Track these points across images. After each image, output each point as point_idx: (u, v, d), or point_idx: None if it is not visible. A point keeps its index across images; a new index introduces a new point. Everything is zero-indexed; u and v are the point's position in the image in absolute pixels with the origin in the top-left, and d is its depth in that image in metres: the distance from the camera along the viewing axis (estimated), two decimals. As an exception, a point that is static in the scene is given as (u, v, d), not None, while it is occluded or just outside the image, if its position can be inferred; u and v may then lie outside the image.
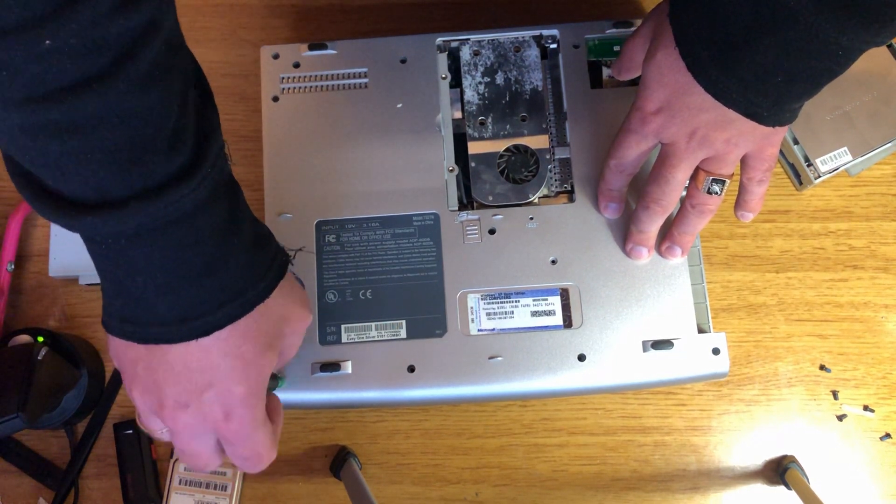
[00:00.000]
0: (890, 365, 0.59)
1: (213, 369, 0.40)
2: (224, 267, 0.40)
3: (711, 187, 0.50)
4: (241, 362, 0.41)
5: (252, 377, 0.42)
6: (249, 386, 0.42)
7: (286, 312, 0.44)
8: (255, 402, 0.43)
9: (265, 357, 0.43)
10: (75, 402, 0.57)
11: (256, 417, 0.43)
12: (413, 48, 0.59)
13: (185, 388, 0.40)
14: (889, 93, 0.60)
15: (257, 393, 0.43)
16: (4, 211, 0.62)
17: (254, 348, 0.42)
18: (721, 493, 0.57)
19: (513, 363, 0.53)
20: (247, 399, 0.42)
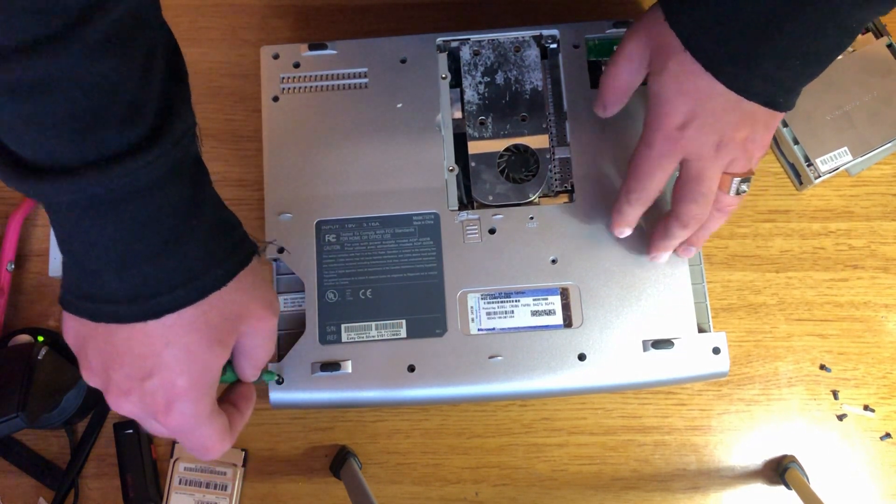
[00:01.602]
0: (890, 365, 0.59)
1: (155, 357, 0.39)
2: (180, 248, 0.38)
3: (740, 188, 0.48)
4: (185, 354, 0.39)
5: (196, 371, 0.40)
6: (192, 380, 0.40)
7: (243, 310, 0.42)
8: (198, 397, 0.41)
9: (212, 351, 0.40)
10: (75, 402, 0.57)
11: (199, 412, 0.41)
12: (413, 48, 0.59)
13: (128, 374, 0.39)
14: (889, 93, 0.60)
15: (201, 387, 0.41)
16: (4, 211, 0.62)
17: (199, 341, 0.40)
18: (721, 493, 0.57)
19: (513, 363, 0.53)
20: (188, 393, 0.40)
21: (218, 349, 0.41)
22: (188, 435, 0.42)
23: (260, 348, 0.45)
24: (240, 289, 0.41)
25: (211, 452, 0.43)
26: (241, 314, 0.42)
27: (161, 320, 0.38)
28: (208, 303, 0.40)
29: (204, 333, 0.40)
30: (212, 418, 0.42)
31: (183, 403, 0.40)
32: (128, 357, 0.39)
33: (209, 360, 0.40)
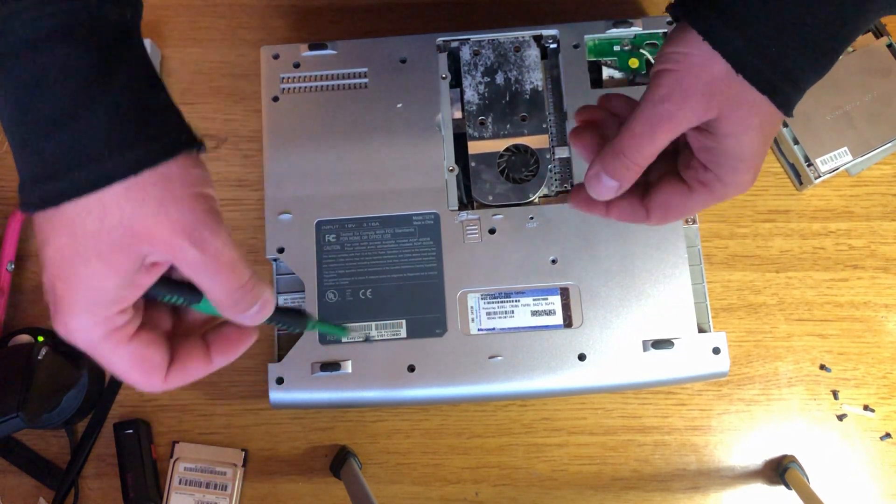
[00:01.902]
0: (890, 365, 0.59)
1: (41, 253, 0.34)
2: (77, 122, 0.32)
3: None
4: (59, 258, 0.33)
5: (72, 282, 0.34)
6: (69, 290, 0.34)
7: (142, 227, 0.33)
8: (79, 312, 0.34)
9: (88, 266, 0.33)
10: (75, 402, 0.57)
11: (88, 332, 0.35)
12: (413, 48, 0.59)
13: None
14: (889, 93, 0.60)
15: (80, 303, 0.34)
16: (4, 211, 0.62)
17: (73, 247, 0.33)
18: (721, 493, 0.57)
19: (513, 363, 0.53)
20: (66, 305, 0.34)
21: (97, 265, 0.33)
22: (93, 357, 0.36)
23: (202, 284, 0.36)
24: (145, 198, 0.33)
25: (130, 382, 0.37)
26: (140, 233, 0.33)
27: (45, 213, 0.33)
28: (91, 203, 0.33)
29: (80, 241, 0.33)
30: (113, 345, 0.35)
31: (62, 313, 0.34)
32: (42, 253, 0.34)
33: (86, 275, 0.34)
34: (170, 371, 0.37)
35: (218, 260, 0.35)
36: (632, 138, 0.40)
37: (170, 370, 0.37)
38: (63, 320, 0.34)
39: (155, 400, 0.59)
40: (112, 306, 0.35)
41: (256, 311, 0.38)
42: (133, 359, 0.36)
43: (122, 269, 0.34)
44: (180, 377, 0.38)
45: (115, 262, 0.34)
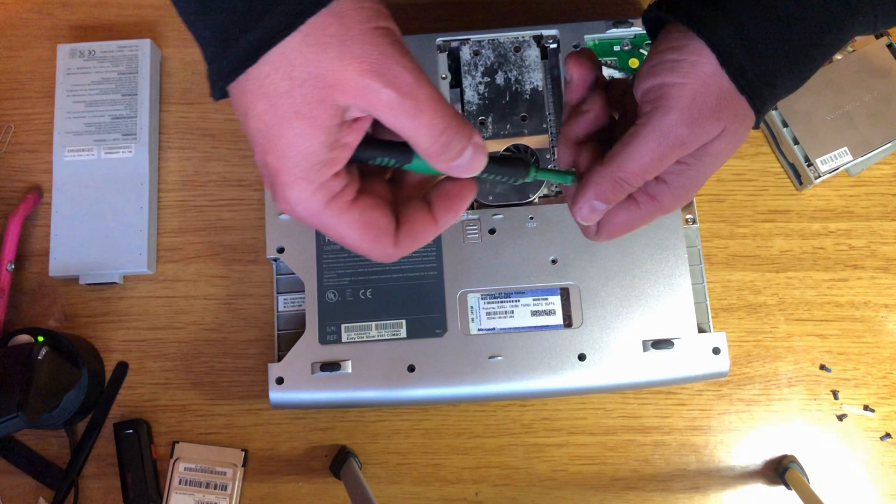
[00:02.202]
0: (890, 365, 0.59)
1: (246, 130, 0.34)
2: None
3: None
4: (262, 126, 0.33)
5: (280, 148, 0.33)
6: (280, 158, 0.33)
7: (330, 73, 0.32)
8: (294, 181, 0.33)
9: (290, 126, 0.33)
10: (75, 402, 0.57)
11: (308, 201, 0.34)
12: (413, 48, 0.59)
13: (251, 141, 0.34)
14: (889, 93, 0.60)
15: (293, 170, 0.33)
16: (4, 211, 0.62)
17: (271, 111, 0.33)
18: (721, 493, 0.57)
19: (513, 363, 0.53)
20: (281, 175, 0.33)
21: (299, 125, 0.33)
22: (318, 226, 0.36)
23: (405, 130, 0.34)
24: (325, 42, 0.32)
25: (364, 253, 0.36)
26: (330, 81, 0.32)
27: (238, 85, 0.33)
28: (276, 60, 0.32)
29: (276, 103, 0.33)
30: (336, 213, 0.35)
31: (280, 187, 0.34)
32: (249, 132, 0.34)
33: (291, 138, 0.33)
34: (398, 236, 0.36)
35: (415, 98, 0.33)
36: (638, 167, 0.38)
37: (398, 235, 0.36)
38: (283, 195, 0.34)
39: (155, 400, 0.59)
40: (325, 169, 0.34)
41: (469, 159, 0.35)
42: (360, 224, 0.35)
43: (323, 124, 0.33)
44: (409, 241, 0.36)
45: (316, 118, 0.33)
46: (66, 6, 0.66)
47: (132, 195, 0.61)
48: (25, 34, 0.66)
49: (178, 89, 0.65)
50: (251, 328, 0.60)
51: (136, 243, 0.60)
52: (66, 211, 0.61)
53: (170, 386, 0.60)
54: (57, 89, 0.63)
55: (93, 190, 0.61)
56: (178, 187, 0.63)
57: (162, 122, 0.64)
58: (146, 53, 0.63)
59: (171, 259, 0.62)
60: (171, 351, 0.60)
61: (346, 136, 0.34)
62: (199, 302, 0.61)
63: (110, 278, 0.60)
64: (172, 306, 0.61)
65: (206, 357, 0.60)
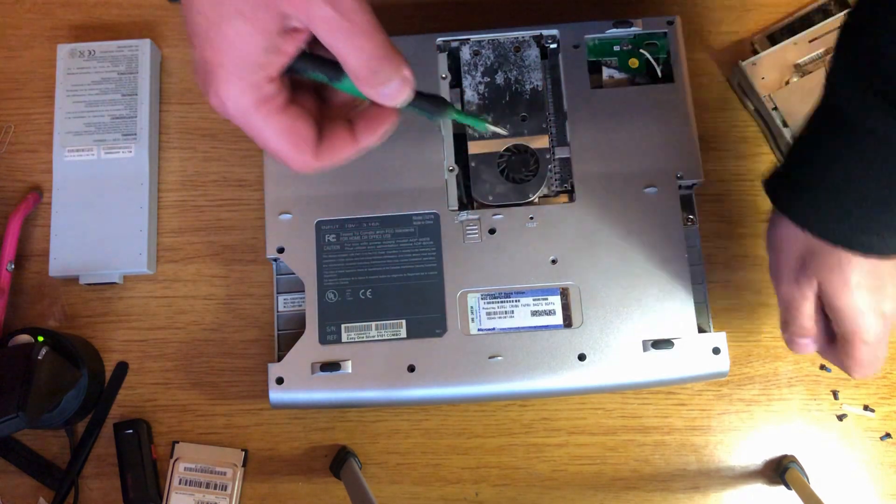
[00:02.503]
0: (890, 365, 0.59)
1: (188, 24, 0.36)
2: None
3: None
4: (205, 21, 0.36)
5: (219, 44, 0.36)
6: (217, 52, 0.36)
7: None
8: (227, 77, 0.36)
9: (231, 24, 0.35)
10: (75, 402, 0.57)
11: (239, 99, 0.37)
12: (413, 48, 0.59)
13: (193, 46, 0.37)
14: (889, 93, 0.60)
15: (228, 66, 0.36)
16: (4, 211, 0.62)
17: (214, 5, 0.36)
18: (721, 493, 0.57)
19: (513, 363, 0.53)
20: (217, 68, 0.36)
21: (242, 25, 0.35)
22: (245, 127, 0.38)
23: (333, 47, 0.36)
24: None
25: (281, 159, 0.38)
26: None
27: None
28: None
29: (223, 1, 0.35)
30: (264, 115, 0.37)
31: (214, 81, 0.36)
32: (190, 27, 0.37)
33: (232, 36, 0.35)
34: (319, 149, 0.38)
35: (351, 20, 0.36)
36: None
37: (319, 148, 0.38)
38: (216, 90, 0.36)
39: (155, 400, 0.59)
40: (260, 71, 0.36)
41: (396, 88, 0.38)
42: (284, 130, 0.37)
43: (264, 28, 0.35)
44: (329, 155, 0.39)
45: (258, 21, 0.35)
46: (66, 6, 0.66)
47: (132, 195, 0.61)
48: (25, 34, 0.66)
49: (178, 89, 0.65)
50: (251, 328, 0.60)
51: (136, 243, 0.60)
52: (66, 211, 0.61)
53: (170, 386, 0.60)
54: (57, 89, 0.63)
55: (93, 190, 0.61)
56: (178, 187, 0.63)
57: (162, 122, 0.64)
58: (146, 53, 0.63)
59: (171, 259, 0.62)
60: (171, 351, 0.60)
61: (283, 44, 0.36)
62: (199, 302, 0.61)
63: (110, 278, 0.60)
64: (172, 306, 0.61)
65: (206, 357, 0.60)
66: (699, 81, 0.63)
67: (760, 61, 0.62)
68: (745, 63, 0.61)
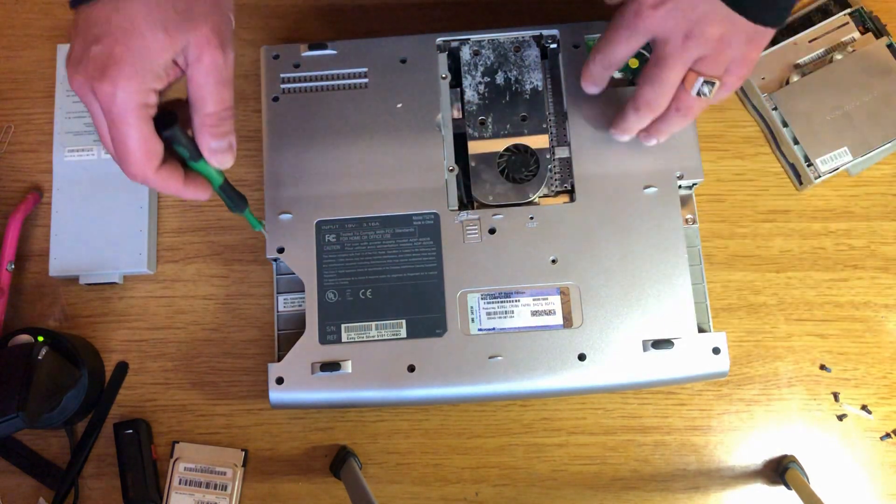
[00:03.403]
0: (890, 365, 0.59)
1: (104, 24, 0.41)
2: None
3: (702, 89, 0.49)
4: (129, 24, 0.41)
5: (135, 44, 0.41)
6: (130, 51, 0.40)
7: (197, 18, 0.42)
8: (132, 74, 0.41)
9: (153, 33, 0.41)
10: (75, 402, 0.57)
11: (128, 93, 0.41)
12: (413, 48, 0.59)
13: (83, 44, 0.41)
14: (889, 93, 0.60)
15: (136, 65, 0.41)
16: (4, 211, 0.62)
17: (146, 16, 0.41)
18: (721, 493, 0.57)
19: (513, 363, 0.53)
20: (121, 63, 0.40)
21: (160, 34, 0.41)
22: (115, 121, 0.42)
23: (205, 88, 0.43)
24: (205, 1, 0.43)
25: (129, 159, 0.43)
26: (195, 20, 0.42)
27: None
28: None
29: (152, 10, 0.41)
30: (139, 118, 0.42)
31: (114, 71, 0.40)
32: (85, 27, 0.41)
33: (150, 39, 0.41)
34: (159, 170, 0.44)
35: (227, 74, 0.44)
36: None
37: (159, 170, 0.44)
38: (113, 77, 0.40)
39: (155, 400, 0.59)
40: (155, 81, 0.42)
41: (227, 148, 0.45)
42: (144, 137, 0.42)
43: (174, 47, 0.42)
44: (161, 182, 0.44)
45: (173, 39, 0.41)
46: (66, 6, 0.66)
47: (132, 195, 0.61)
48: (25, 34, 0.66)
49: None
50: (251, 328, 0.60)
51: (136, 243, 0.60)
52: (66, 211, 0.61)
53: (170, 386, 0.60)
54: (57, 89, 0.63)
55: (93, 190, 0.61)
56: (178, 187, 0.63)
57: (162, 122, 0.64)
58: (146, 53, 0.62)
59: (171, 259, 0.62)
60: (171, 351, 0.60)
61: (171, 71, 0.42)
62: (199, 302, 0.61)
63: (110, 278, 0.60)
64: (172, 306, 0.61)
65: (206, 357, 0.60)
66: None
67: (760, 61, 0.62)
68: (745, 63, 0.61)
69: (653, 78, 0.50)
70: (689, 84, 0.49)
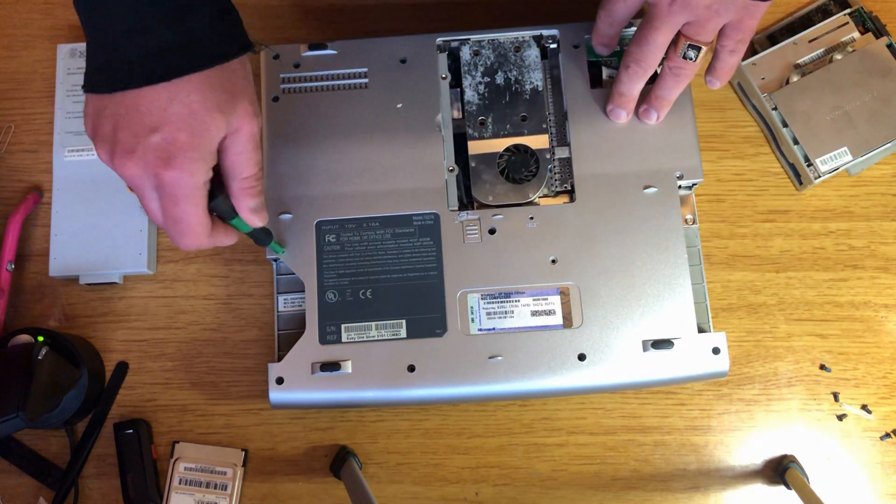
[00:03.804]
0: (890, 365, 0.59)
1: (160, 113, 0.42)
2: (192, 16, 0.42)
3: (687, 52, 0.52)
4: (188, 111, 0.42)
5: (197, 128, 0.42)
6: (193, 136, 0.42)
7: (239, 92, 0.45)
8: (197, 158, 0.43)
9: (212, 116, 0.43)
10: (75, 402, 0.57)
11: (194, 176, 0.43)
12: (413, 48, 0.59)
13: (135, 132, 0.42)
14: (889, 93, 0.60)
15: (200, 148, 0.43)
16: (4, 211, 0.62)
17: (202, 101, 0.42)
18: (721, 493, 0.57)
19: (513, 363, 0.53)
20: (188, 149, 0.42)
21: (217, 115, 0.43)
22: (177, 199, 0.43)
23: (244, 155, 0.46)
24: (238, 72, 0.45)
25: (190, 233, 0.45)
26: (237, 95, 0.44)
27: (171, 82, 0.42)
28: (213, 72, 0.43)
29: (207, 95, 0.43)
30: (201, 196, 0.44)
31: (181, 158, 0.42)
32: (136, 115, 0.42)
33: (209, 122, 0.43)
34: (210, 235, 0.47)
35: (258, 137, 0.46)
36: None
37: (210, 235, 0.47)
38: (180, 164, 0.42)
39: (155, 400, 0.59)
40: (213, 160, 0.44)
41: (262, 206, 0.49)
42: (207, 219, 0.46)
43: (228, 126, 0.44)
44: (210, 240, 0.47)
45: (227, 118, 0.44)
46: (66, 6, 0.66)
47: (132, 195, 0.61)
48: (25, 34, 0.66)
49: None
50: (251, 328, 0.60)
51: (136, 243, 0.60)
52: (66, 211, 0.61)
53: (170, 386, 0.60)
54: (57, 89, 0.63)
55: (93, 190, 0.61)
56: (178, 187, 0.63)
57: (162, 122, 0.64)
58: (146, 53, 0.62)
59: (171, 259, 0.62)
60: (171, 351, 0.60)
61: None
62: (199, 302, 0.61)
63: (110, 278, 0.60)
64: (172, 306, 0.61)
65: (206, 357, 0.60)
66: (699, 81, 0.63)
67: (760, 61, 0.62)
68: (745, 63, 0.61)
69: (640, 38, 0.52)
70: (678, 47, 0.52)
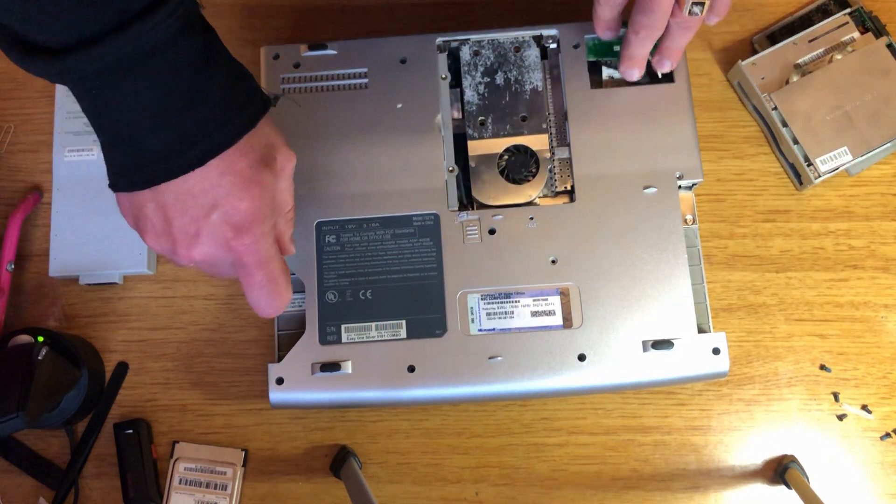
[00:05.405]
0: (890, 365, 0.59)
1: (214, 189, 0.41)
2: (208, 96, 0.41)
3: (692, 9, 0.52)
4: (241, 178, 0.42)
5: (255, 192, 0.43)
6: (253, 200, 0.42)
7: (275, 141, 0.45)
8: (263, 219, 0.43)
9: (262, 173, 0.43)
10: (75, 402, 0.57)
11: (267, 234, 0.44)
12: (413, 48, 0.59)
13: (193, 217, 0.42)
14: (889, 93, 0.60)
15: (263, 210, 0.43)
16: (4, 211, 0.62)
17: (250, 164, 0.42)
18: (721, 493, 0.57)
19: (513, 363, 0.53)
20: (253, 213, 0.43)
21: (267, 172, 0.43)
22: (260, 262, 0.44)
23: (287, 192, 0.47)
24: (265, 126, 0.45)
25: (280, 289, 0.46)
26: (273, 142, 0.45)
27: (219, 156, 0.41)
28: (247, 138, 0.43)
29: (252, 157, 0.43)
30: (278, 251, 0.45)
31: (251, 224, 0.43)
32: (189, 200, 0.41)
33: (262, 180, 0.43)
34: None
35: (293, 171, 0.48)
36: None
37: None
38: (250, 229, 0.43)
39: (155, 400, 0.59)
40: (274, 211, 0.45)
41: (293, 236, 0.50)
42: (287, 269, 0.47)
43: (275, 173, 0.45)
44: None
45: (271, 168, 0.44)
46: (66, 6, 0.66)
47: (132, 195, 0.61)
48: (25, 34, 0.66)
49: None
50: (251, 328, 0.60)
51: (136, 243, 0.60)
52: (66, 211, 0.61)
53: (170, 386, 0.60)
54: (57, 89, 0.63)
55: (93, 190, 0.61)
56: (178, 187, 0.63)
57: (162, 122, 0.64)
58: (146, 53, 0.62)
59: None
60: (171, 351, 0.60)
61: None
62: (199, 302, 0.61)
63: (110, 278, 0.60)
64: (172, 306, 0.61)
65: (206, 357, 0.60)
66: (699, 81, 0.63)
67: (760, 61, 0.62)
68: (745, 63, 0.61)
69: (644, 6, 0.52)
70: (682, 4, 0.52)
